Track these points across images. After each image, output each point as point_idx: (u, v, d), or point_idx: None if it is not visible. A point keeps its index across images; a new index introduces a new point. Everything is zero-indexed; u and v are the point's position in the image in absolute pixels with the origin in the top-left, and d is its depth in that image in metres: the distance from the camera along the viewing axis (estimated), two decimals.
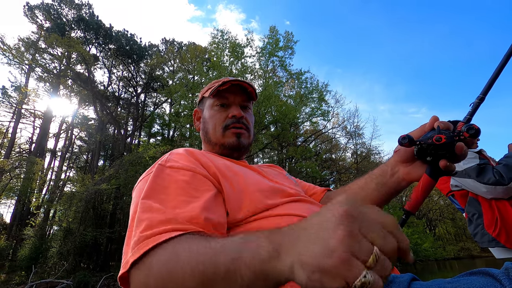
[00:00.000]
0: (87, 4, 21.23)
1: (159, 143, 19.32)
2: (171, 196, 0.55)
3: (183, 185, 0.58)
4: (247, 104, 0.87)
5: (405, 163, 0.64)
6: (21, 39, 17.61)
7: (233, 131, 0.82)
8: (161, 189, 0.57)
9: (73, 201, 13.79)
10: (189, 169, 0.62)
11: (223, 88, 0.82)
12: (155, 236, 0.45)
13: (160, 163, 0.65)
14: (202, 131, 0.88)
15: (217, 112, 0.84)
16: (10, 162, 16.12)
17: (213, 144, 0.83)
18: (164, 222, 0.48)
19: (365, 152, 21.52)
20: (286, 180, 0.84)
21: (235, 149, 0.82)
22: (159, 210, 0.51)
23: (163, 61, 22.09)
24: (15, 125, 18.24)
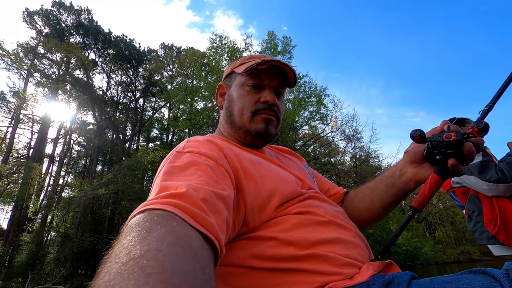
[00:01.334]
0: (86, 9, 21.36)
1: (158, 148, 19.30)
2: (189, 176, 0.49)
3: (205, 168, 0.52)
4: (281, 90, 0.78)
5: (414, 163, 0.64)
6: (20, 45, 17.66)
7: (263, 117, 0.73)
8: (178, 171, 0.51)
9: (71, 206, 13.72)
10: (212, 158, 0.56)
11: (260, 68, 0.72)
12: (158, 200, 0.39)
13: (177, 151, 0.58)
14: (226, 110, 0.78)
15: (247, 93, 0.74)
16: (7, 168, 16.04)
17: (237, 127, 0.75)
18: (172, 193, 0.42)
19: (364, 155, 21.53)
20: (304, 173, 0.79)
21: (261, 137, 0.74)
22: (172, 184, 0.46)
23: (162, 66, 22.17)
24: (13, 130, 18.19)
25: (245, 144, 0.76)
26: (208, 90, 15.63)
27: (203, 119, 16.02)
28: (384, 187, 0.71)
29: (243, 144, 0.75)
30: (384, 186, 0.71)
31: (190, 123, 16.15)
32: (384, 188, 0.71)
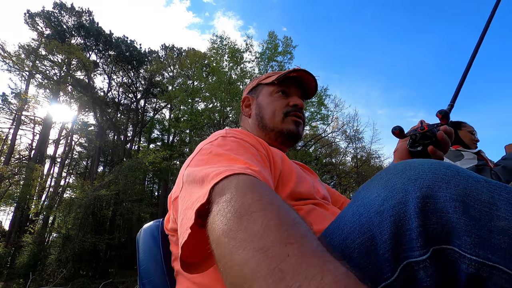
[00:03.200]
0: (87, 11, 21.41)
1: (159, 149, 19.30)
2: (237, 154, 0.52)
3: (252, 152, 0.56)
4: (303, 99, 0.87)
5: (403, 159, 0.71)
6: (21, 46, 17.71)
7: (293, 119, 0.81)
8: (226, 149, 0.54)
9: (72, 207, 13.73)
10: (254, 145, 0.60)
11: (292, 75, 0.81)
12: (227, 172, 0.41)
13: (220, 136, 0.61)
14: (256, 116, 0.84)
15: (277, 99, 0.82)
16: (9, 169, 16.08)
17: (269, 129, 0.81)
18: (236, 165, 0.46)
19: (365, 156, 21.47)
20: (319, 184, 0.83)
21: (293, 137, 0.81)
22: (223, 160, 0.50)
23: (163, 67, 22.19)
24: (15, 132, 18.24)
25: (274, 146, 0.80)
26: (209, 91, 15.62)
27: (204, 120, 16.00)
28: None
29: (272, 146, 0.79)
30: None
31: (191, 124, 16.14)
32: None
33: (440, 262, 0.29)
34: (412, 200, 0.31)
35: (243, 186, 0.36)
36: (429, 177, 0.32)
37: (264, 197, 0.33)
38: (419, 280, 0.30)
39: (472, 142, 2.00)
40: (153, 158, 15.35)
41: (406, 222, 0.31)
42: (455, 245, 0.29)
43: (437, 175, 0.32)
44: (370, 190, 0.37)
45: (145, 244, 0.75)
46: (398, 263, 0.31)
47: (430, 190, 0.31)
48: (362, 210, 0.36)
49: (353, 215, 0.37)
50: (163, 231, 0.76)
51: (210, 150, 0.53)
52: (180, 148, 19.22)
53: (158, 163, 16.07)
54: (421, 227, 0.30)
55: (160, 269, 0.71)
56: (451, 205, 0.30)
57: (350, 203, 0.40)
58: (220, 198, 0.35)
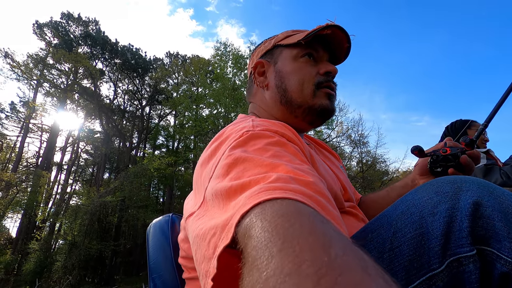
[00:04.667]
0: (94, 20, 21.86)
1: (164, 155, 19.41)
2: (274, 157, 0.40)
3: (293, 150, 0.45)
4: (334, 62, 0.70)
5: (423, 176, 0.68)
6: (30, 56, 18.11)
7: (326, 91, 0.64)
8: (259, 152, 0.41)
9: (79, 214, 13.82)
10: (293, 141, 0.49)
11: (323, 34, 0.62)
12: (271, 190, 0.30)
13: (247, 130, 0.47)
14: (278, 89, 0.66)
15: (305, 65, 0.64)
16: (17, 176, 16.28)
17: (296, 105, 0.64)
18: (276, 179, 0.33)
19: (371, 160, 21.31)
20: (346, 179, 0.72)
21: (326, 114, 0.64)
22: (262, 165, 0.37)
23: (168, 74, 22.45)
24: (23, 140, 18.52)
25: (299, 128, 0.67)
26: (213, 97, 15.73)
27: (209, 126, 16.08)
28: (396, 196, 0.73)
29: (296, 128, 0.63)
30: (396, 195, 0.73)
31: (196, 130, 16.23)
32: (396, 197, 0.72)
33: (480, 260, 0.35)
34: (464, 205, 0.36)
35: (286, 222, 0.25)
36: (478, 190, 0.37)
37: (321, 250, 0.21)
38: (466, 273, 0.34)
39: (481, 141, 1.99)
40: (158, 164, 15.44)
41: (458, 223, 0.36)
42: (495, 248, 0.34)
43: (484, 189, 0.38)
44: (419, 194, 0.41)
45: (155, 239, 0.75)
46: (446, 257, 0.35)
47: (480, 199, 0.36)
48: (413, 210, 0.40)
49: (403, 213, 0.41)
50: (172, 226, 0.77)
51: (238, 155, 0.41)
52: (185, 154, 19.30)
53: (163, 169, 16.13)
54: (470, 228, 0.35)
55: (170, 264, 0.71)
56: (496, 214, 0.35)
57: (397, 203, 0.44)
58: (252, 241, 0.25)
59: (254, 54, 0.75)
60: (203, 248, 0.33)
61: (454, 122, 2.12)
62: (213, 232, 0.32)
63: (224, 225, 0.31)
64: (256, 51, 0.74)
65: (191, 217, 0.43)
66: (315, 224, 0.24)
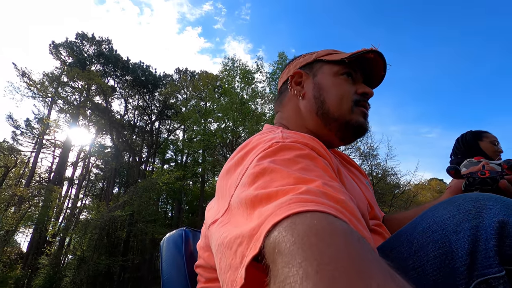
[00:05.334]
0: (106, 40, 22.72)
1: (173, 169, 19.54)
2: (304, 171, 0.39)
3: (322, 165, 0.43)
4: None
5: None
6: (45, 74, 18.82)
7: (363, 110, 0.66)
8: (288, 163, 0.40)
9: (88, 228, 13.88)
10: (322, 155, 0.47)
11: (366, 56, 0.65)
12: (301, 203, 0.30)
13: (276, 141, 0.46)
14: (315, 100, 0.67)
15: (345, 82, 0.66)
16: (29, 191, 16.58)
17: (333, 118, 0.64)
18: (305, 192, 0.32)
19: (381, 173, 20.95)
20: (372, 196, 0.71)
21: (360, 131, 0.66)
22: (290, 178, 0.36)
23: (177, 90, 22.93)
24: (36, 155, 18.97)
25: (329, 142, 0.68)
26: (221, 111, 15.92)
27: (217, 140, 16.19)
28: None
29: (326, 141, 0.65)
30: None
31: (204, 144, 16.35)
32: None
33: (510, 281, 0.32)
34: (489, 224, 0.35)
35: (320, 240, 0.24)
36: (503, 208, 0.36)
37: (355, 268, 0.21)
38: None
39: (495, 153, 1.92)
40: (167, 179, 15.52)
41: (483, 242, 0.34)
42: None
43: (509, 208, 0.36)
44: (440, 211, 0.40)
45: (169, 253, 0.75)
46: (473, 278, 0.33)
47: (505, 218, 0.35)
48: (435, 228, 0.38)
49: (424, 231, 0.39)
50: (186, 240, 0.77)
51: (266, 165, 0.40)
52: (193, 168, 19.38)
53: (172, 183, 16.19)
54: (497, 247, 0.33)
55: (183, 278, 0.71)
56: None
57: (417, 220, 0.43)
58: (283, 257, 0.24)
59: (291, 65, 0.76)
60: (229, 257, 0.32)
61: (464, 134, 2.03)
62: (239, 241, 0.31)
63: (251, 234, 0.30)
64: (293, 63, 0.76)
65: (214, 224, 0.43)
66: (353, 245, 0.24)
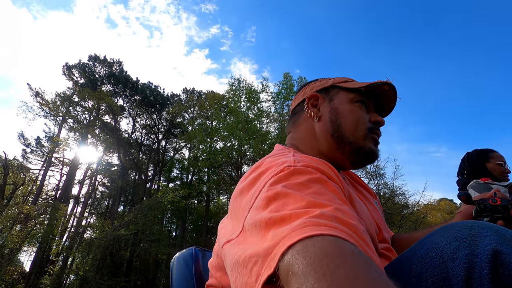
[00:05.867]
0: (117, 61, 23.56)
1: (178, 188, 19.51)
2: (316, 195, 0.41)
3: (334, 189, 0.44)
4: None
5: None
6: (58, 94, 19.44)
7: (375, 137, 0.69)
8: (300, 188, 0.42)
9: (92, 247, 13.75)
10: (333, 179, 0.48)
11: (382, 89, 0.69)
12: (315, 226, 0.32)
13: (288, 165, 0.47)
14: (331, 123, 0.69)
15: (360, 110, 0.69)
16: (36, 209, 16.63)
17: (347, 142, 0.67)
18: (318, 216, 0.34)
19: (389, 193, 20.57)
20: (380, 218, 0.72)
21: (371, 158, 0.68)
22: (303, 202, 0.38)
23: (184, 109, 23.36)
24: (45, 173, 19.18)
25: (340, 165, 0.70)
26: (227, 130, 16.10)
27: (222, 158, 16.26)
28: None
29: (337, 164, 0.69)
30: None
31: (209, 163, 16.42)
32: None
33: None
34: (483, 252, 0.36)
35: (331, 262, 0.26)
36: (495, 237, 0.37)
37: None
38: None
39: (502, 174, 1.88)
40: (172, 197, 15.48)
41: (478, 270, 0.35)
42: None
43: (502, 236, 0.38)
44: (438, 238, 0.42)
45: (179, 272, 0.77)
46: None
47: (498, 246, 0.36)
48: (433, 254, 0.40)
49: (423, 257, 0.41)
50: (196, 259, 0.79)
51: (279, 190, 0.41)
52: (198, 187, 19.33)
53: (176, 202, 16.13)
54: (491, 275, 0.35)
55: None
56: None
57: (417, 246, 0.44)
58: (297, 278, 0.25)
59: (306, 88, 0.80)
60: (245, 275, 0.34)
61: (470, 153, 1.99)
62: (254, 260, 0.33)
63: (266, 254, 0.32)
64: (309, 86, 0.80)
65: (228, 243, 0.45)
66: (361, 266, 0.25)
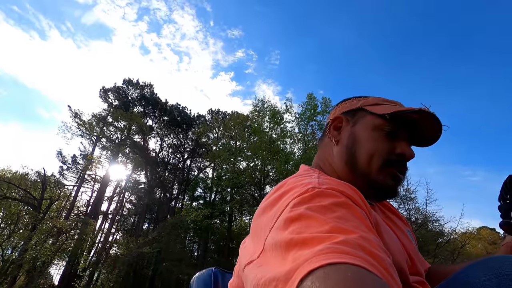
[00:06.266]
0: (149, 84, 25.07)
1: (201, 207, 19.67)
2: (340, 220, 0.39)
3: (360, 216, 0.42)
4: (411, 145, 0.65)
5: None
6: (94, 115, 20.89)
7: (393, 172, 0.60)
8: (324, 211, 0.40)
9: (117, 264, 14.01)
10: (360, 205, 0.45)
11: (411, 118, 0.60)
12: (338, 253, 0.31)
13: (312, 186, 0.46)
14: (346, 149, 0.64)
15: (382, 138, 0.61)
16: (68, 223, 17.43)
17: (358, 173, 0.61)
18: (341, 243, 0.32)
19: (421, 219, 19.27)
20: (414, 248, 0.65)
21: (385, 194, 0.61)
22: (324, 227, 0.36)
23: (209, 129, 24.03)
24: (78, 189, 20.26)
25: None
26: (250, 150, 16.23)
27: (245, 178, 16.28)
28: None
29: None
30: None
31: (233, 182, 16.49)
32: None
33: None
34: None
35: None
36: None
37: None
38: None
39: None
40: (195, 216, 15.59)
41: None
42: None
43: None
44: (476, 273, 0.39)
45: None
46: None
47: None
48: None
49: None
50: (216, 280, 0.78)
51: (301, 211, 0.40)
52: (221, 207, 19.37)
53: (199, 221, 16.20)
54: None
55: None
56: None
57: (450, 281, 0.42)
58: None
59: (337, 108, 0.73)
60: None
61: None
62: (274, 284, 0.32)
63: (286, 278, 0.31)
64: (340, 105, 0.73)
65: (249, 265, 0.43)
66: None
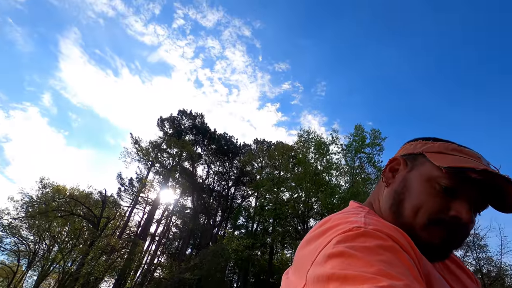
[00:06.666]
0: (200, 115, 26.96)
1: (243, 236, 19.52)
2: (386, 265, 0.36)
3: (408, 264, 0.39)
4: (480, 209, 0.54)
5: None
6: (151, 142, 22.92)
7: (443, 233, 0.50)
8: (368, 252, 0.38)
9: (159, 287, 14.32)
10: (407, 250, 0.42)
11: (472, 177, 0.49)
12: None
13: (358, 226, 0.44)
14: (395, 194, 0.57)
15: (435, 194, 0.52)
16: (120, 242, 18.63)
17: (401, 223, 0.53)
18: None
19: (495, 271, 16.39)
20: None
21: (431, 255, 0.51)
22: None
23: (253, 158, 24.48)
24: (131, 210, 21.81)
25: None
26: (294, 181, 15.99)
27: (288, 210, 15.91)
28: None
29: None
30: None
31: (275, 213, 16.21)
32: None
33: None
34: None
35: None
36: None
37: None
38: None
39: None
40: (237, 245, 15.47)
41: None
42: None
43: None
44: None
45: None
46: None
47: None
48: None
49: None
50: None
51: (344, 249, 0.39)
52: (262, 238, 18.97)
53: (240, 251, 16.01)
54: None
55: None
56: None
57: None
58: None
59: (403, 147, 0.66)
60: None
61: None
62: None
63: None
64: (404, 146, 0.65)
65: None
66: None
